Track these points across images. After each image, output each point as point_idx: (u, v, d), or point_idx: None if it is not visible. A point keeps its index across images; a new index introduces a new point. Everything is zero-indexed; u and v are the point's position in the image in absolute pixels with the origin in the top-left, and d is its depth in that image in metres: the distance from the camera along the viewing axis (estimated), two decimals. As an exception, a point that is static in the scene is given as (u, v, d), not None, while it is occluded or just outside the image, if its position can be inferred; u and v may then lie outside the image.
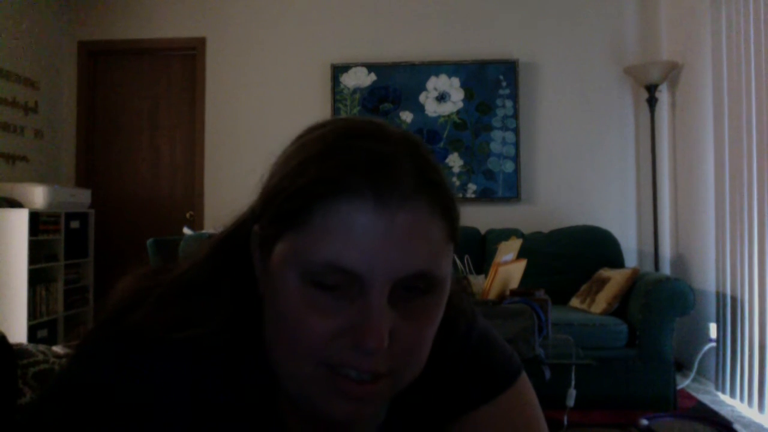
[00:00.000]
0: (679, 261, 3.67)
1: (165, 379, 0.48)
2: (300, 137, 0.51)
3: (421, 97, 4.01)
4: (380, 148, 0.45)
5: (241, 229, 0.55)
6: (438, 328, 0.49)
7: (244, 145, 4.11)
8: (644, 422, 1.81)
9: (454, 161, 3.99)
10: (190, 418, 0.49)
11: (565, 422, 2.20)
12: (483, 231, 3.65)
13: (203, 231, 3.72)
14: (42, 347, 0.73)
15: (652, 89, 3.67)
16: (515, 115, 3.96)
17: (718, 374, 3.02)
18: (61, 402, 0.46)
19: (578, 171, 3.98)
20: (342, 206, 0.43)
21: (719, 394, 3.00)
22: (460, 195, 3.96)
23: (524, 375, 0.60)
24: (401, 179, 0.44)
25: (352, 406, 0.46)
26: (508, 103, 3.97)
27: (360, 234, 0.42)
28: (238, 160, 4.10)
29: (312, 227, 0.44)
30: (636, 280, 2.94)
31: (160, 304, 0.51)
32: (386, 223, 0.43)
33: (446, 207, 0.46)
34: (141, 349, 0.49)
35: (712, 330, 3.11)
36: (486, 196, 3.97)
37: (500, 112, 3.98)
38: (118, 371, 0.47)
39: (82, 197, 3.94)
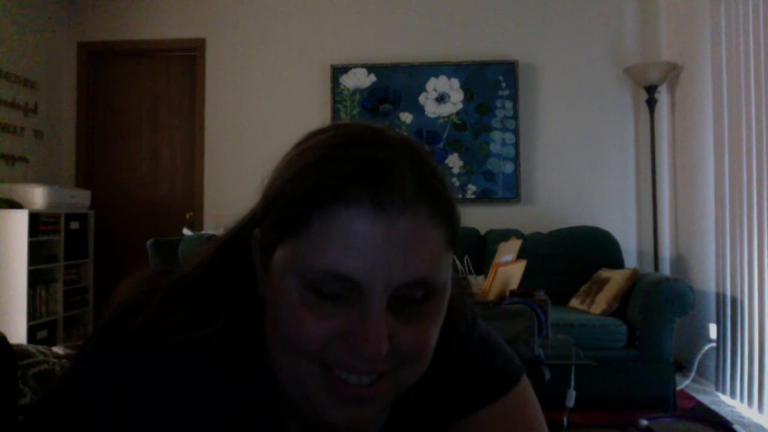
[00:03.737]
0: (678, 261, 3.67)
1: (167, 381, 0.48)
2: (301, 142, 0.51)
3: (421, 98, 4.02)
4: (380, 155, 0.45)
5: (242, 232, 0.55)
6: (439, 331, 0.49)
7: (243, 146, 4.11)
8: (644, 423, 1.81)
9: (454, 162, 3.99)
10: (192, 420, 0.49)
11: (565, 423, 2.20)
12: (483, 232, 3.65)
13: (203, 232, 3.72)
14: (42, 348, 0.73)
15: (651, 90, 3.67)
16: (515, 116, 3.97)
17: (718, 375, 3.02)
18: (63, 404, 0.46)
19: (578, 171, 3.99)
20: (341, 214, 0.43)
21: (719, 394, 3.00)
22: (460, 195, 3.96)
23: (525, 378, 0.60)
24: (401, 187, 0.44)
25: (350, 411, 0.46)
26: (508, 104, 3.98)
27: (359, 241, 0.42)
28: (237, 161, 4.10)
29: (312, 234, 0.44)
30: (636, 280, 2.95)
31: (162, 307, 0.51)
32: (385, 231, 0.43)
33: (446, 214, 0.46)
34: (143, 351, 0.49)
35: (712, 330, 3.11)
36: (486, 196, 3.97)
37: (500, 113, 3.98)
38: (120, 374, 0.48)
39: (82, 198, 3.93)
